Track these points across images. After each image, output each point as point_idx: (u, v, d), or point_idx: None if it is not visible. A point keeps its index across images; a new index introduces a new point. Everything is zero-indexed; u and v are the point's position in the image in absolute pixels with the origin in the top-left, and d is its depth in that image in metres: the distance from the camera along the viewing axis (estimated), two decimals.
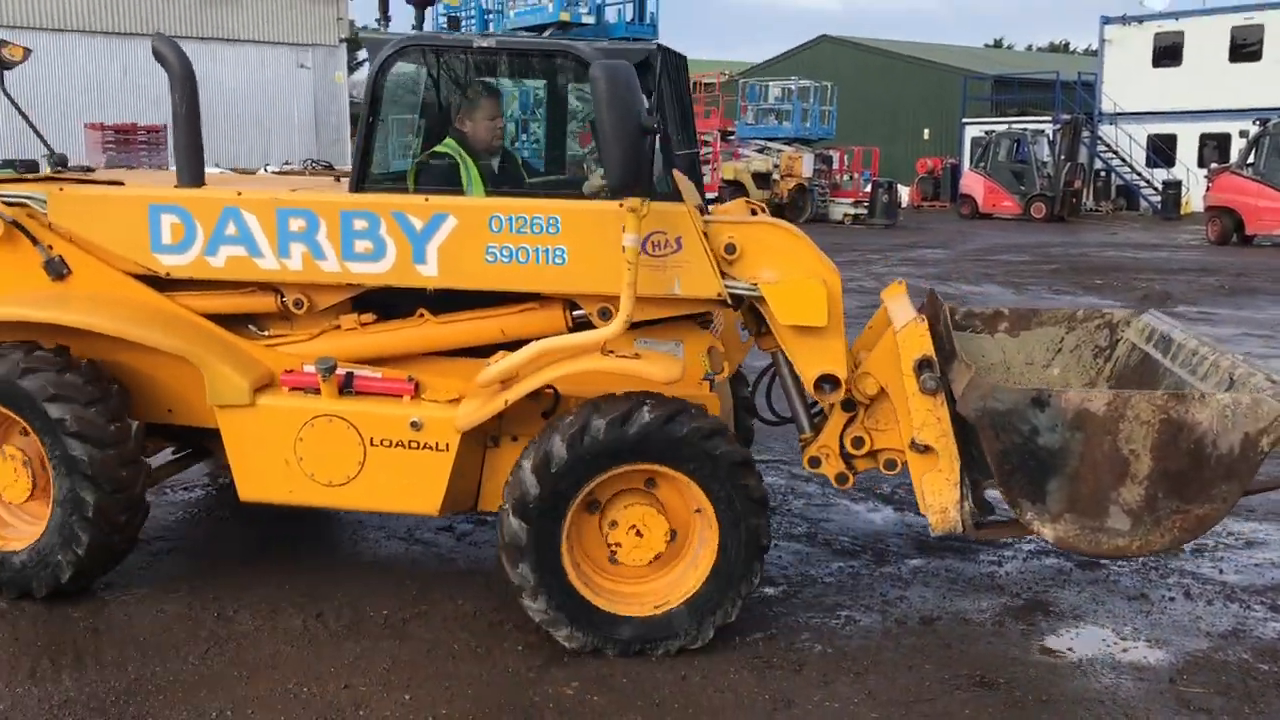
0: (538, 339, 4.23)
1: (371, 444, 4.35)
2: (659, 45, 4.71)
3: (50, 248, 4.65)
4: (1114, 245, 24.12)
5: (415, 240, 4.33)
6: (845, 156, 34.60)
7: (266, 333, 4.72)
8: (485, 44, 4.68)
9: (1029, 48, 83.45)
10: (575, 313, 4.45)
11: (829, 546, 5.43)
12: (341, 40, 36.10)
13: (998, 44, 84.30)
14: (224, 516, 5.69)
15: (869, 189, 32.26)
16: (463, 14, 30.92)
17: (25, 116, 5.56)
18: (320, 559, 5.15)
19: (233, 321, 4.69)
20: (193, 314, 4.64)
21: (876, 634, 4.45)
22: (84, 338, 4.53)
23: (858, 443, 4.44)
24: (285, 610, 4.52)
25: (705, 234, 4.23)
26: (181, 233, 4.53)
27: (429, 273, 4.36)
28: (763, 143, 33.82)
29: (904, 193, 36.70)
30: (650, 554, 4.24)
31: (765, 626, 4.48)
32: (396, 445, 4.35)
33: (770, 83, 36.85)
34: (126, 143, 23.48)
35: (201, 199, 4.55)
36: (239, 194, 4.50)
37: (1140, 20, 37.98)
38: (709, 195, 28.67)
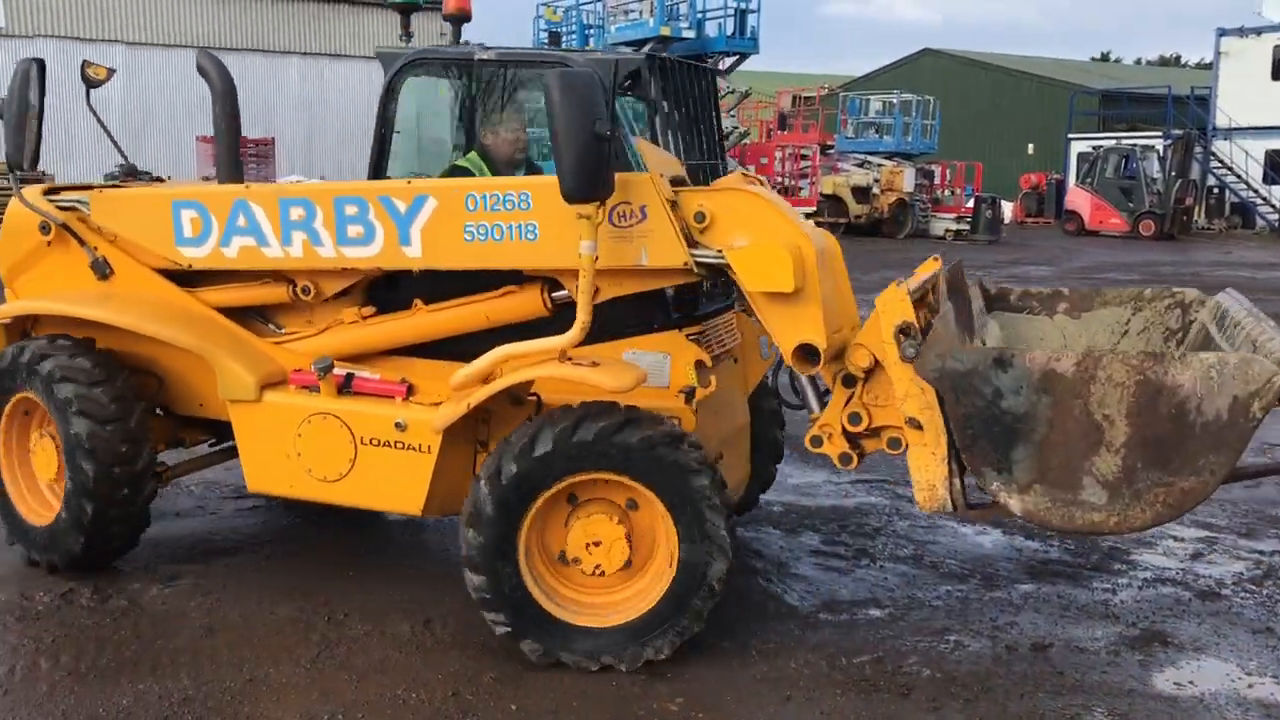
0: (520, 322, 4.34)
1: (362, 443, 4.50)
2: (650, 55, 4.80)
3: (95, 249, 5.07)
4: (1227, 265, 23.37)
5: (400, 222, 4.48)
6: (947, 171, 34.14)
7: (284, 330, 4.98)
8: (485, 56, 4.75)
9: (1138, 61, 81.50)
10: (555, 294, 4.47)
11: (936, 569, 5.33)
12: None
13: (1105, 57, 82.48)
14: (331, 524, 5.79)
15: (971, 204, 31.76)
16: (563, 29, 31.27)
17: (106, 129, 5.91)
18: (427, 568, 5.22)
19: (253, 315, 5.01)
20: (212, 311, 4.98)
21: (986, 660, 4.35)
22: (120, 333, 4.90)
23: (854, 419, 4.19)
24: (393, 616, 4.59)
25: (674, 203, 4.18)
26: (200, 226, 4.84)
27: (414, 254, 4.50)
28: (863, 157, 33.52)
29: (1007, 208, 36.01)
30: (609, 566, 4.19)
31: (871, 649, 4.40)
32: (384, 445, 4.46)
33: (871, 96, 36.52)
34: None
35: (215, 193, 4.89)
36: (247, 187, 4.82)
37: (1259, 32, 36.81)
38: (808, 210, 28.53)
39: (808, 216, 30.45)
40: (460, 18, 6.03)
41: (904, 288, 4.08)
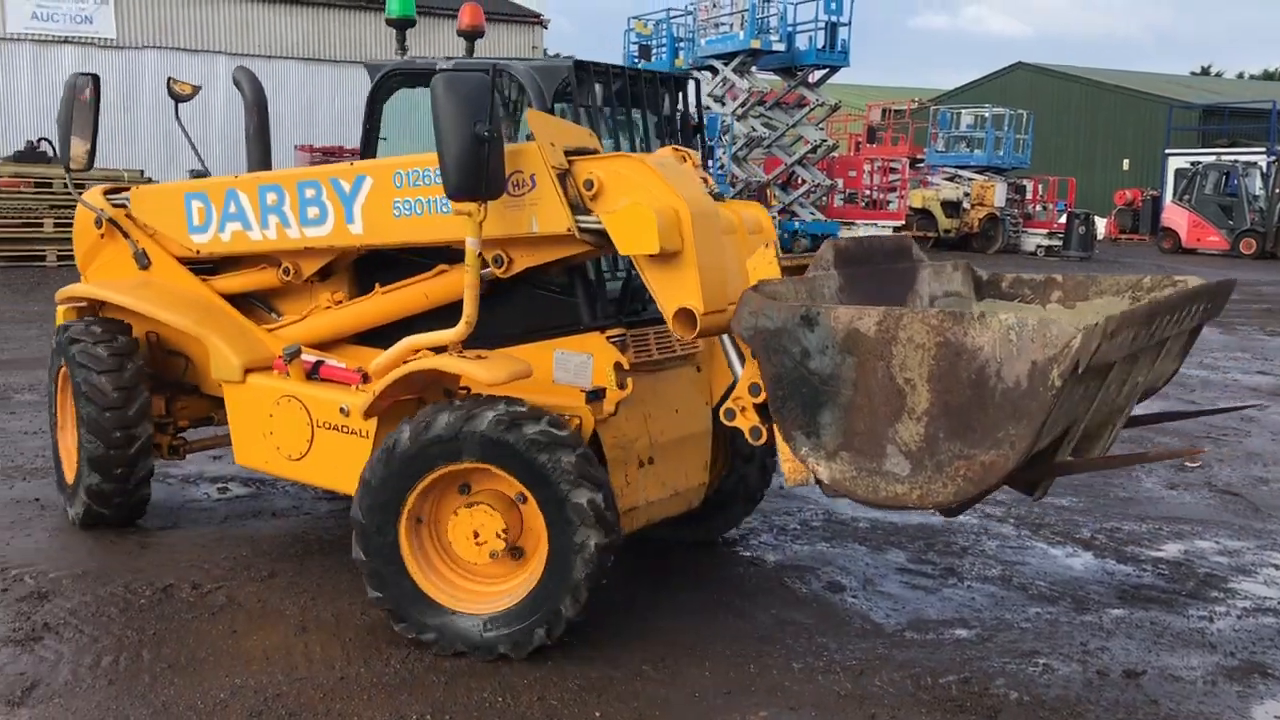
0: (456, 302, 4.44)
1: (317, 425, 4.85)
2: (577, 61, 5.04)
3: (137, 241, 5.63)
4: None
5: (346, 202, 4.79)
6: (1039, 186, 33.57)
7: (281, 316, 5.44)
8: (444, 66, 4.87)
9: (1240, 75, 79.24)
10: (482, 271, 4.50)
11: (1024, 591, 5.25)
12: None
13: (1205, 71, 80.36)
14: None
15: (1064, 220, 31.15)
16: (654, 43, 31.42)
17: (189, 138, 6.18)
18: None
19: (259, 303, 5.51)
20: (217, 297, 5.47)
21: (1076, 684, 4.27)
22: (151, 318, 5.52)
23: (754, 389, 3.83)
24: None
25: (567, 171, 4.23)
26: (204, 215, 5.36)
27: (357, 231, 4.80)
28: (953, 171, 33.10)
29: (1101, 225, 35.28)
30: (486, 553, 4.26)
31: (958, 669, 4.35)
32: (333, 428, 4.80)
33: (962, 110, 36.03)
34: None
35: (214, 184, 5.34)
36: (236, 176, 5.30)
37: None
38: (896, 223, 28.23)
39: (896, 230, 30.29)
40: (473, 34, 6.27)
41: (772, 249, 4.02)
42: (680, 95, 5.68)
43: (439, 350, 4.45)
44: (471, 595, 4.37)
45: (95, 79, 5.71)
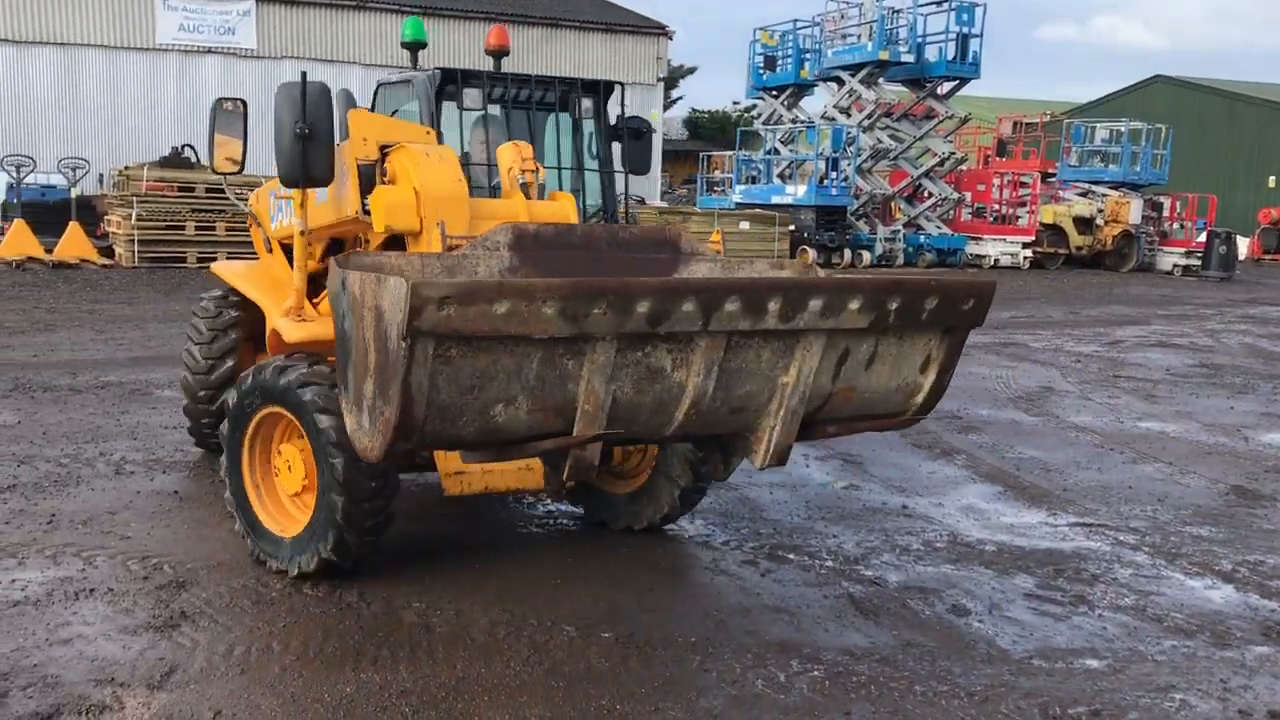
0: None
1: None
2: (444, 71, 6.23)
3: (266, 231, 6.56)
4: None
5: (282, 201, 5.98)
6: (1177, 204, 32.42)
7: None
8: (403, 79, 6.25)
9: None
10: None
11: (1160, 622, 5.05)
12: (659, 79, 37.32)
13: None
14: (537, 535, 5.95)
15: (1203, 239, 30.02)
16: (779, 54, 31.30)
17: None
18: (630, 581, 5.28)
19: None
20: (290, 280, 5.89)
21: None
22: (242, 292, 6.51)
23: None
24: (599, 627, 4.67)
25: (377, 166, 5.06)
26: (278, 207, 6.27)
27: (289, 222, 5.73)
28: (1086, 186, 32.19)
29: (1242, 244, 33.88)
30: (296, 486, 4.99)
31: (1089, 700, 4.20)
32: None
33: (1098, 123, 35.01)
34: None
35: (275, 182, 5.99)
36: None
37: None
38: (1026, 239, 27.72)
39: (1025, 246, 29.72)
40: (499, 52, 6.72)
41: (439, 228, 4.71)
42: (606, 100, 6.40)
43: None
44: (292, 522, 5.05)
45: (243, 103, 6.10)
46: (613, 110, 6.81)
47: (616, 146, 6.62)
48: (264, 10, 31.29)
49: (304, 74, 5.18)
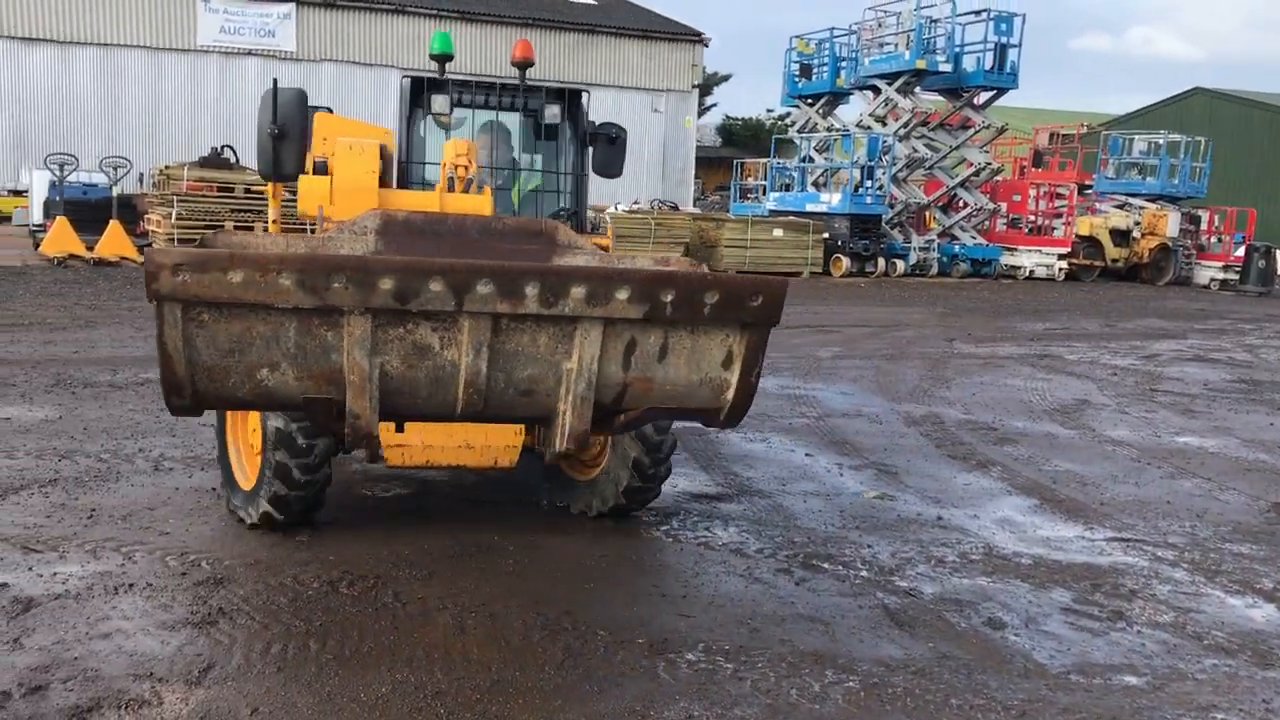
0: None
1: None
2: (413, 79, 6.69)
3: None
4: None
5: None
6: (1216, 217, 32.09)
7: None
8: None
9: None
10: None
11: (1199, 640, 4.99)
12: (694, 86, 37.35)
13: None
14: (573, 536, 5.95)
15: (1241, 253, 29.70)
16: (815, 62, 31.24)
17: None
18: (666, 586, 5.27)
19: None
20: None
21: None
22: None
23: None
24: (633, 632, 4.66)
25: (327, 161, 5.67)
26: None
27: None
28: (1123, 198, 31.93)
29: None
30: (258, 444, 5.42)
31: (1128, 718, 4.16)
32: None
33: (1135, 135, 34.72)
34: None
35: None
36: None
37: None
38: (1061, 250, 27.59)
39: (1061, 258, 29.51)
40: (524, 64, 7.00)
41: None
42: (573, 105, 6.60)
43: None
44: (253, 477, 5.55)
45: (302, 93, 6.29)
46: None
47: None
48: (303, 13, 31.56)
49: (275, 81, 5.76)
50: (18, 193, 24.32)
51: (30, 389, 8.96)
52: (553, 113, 6.52)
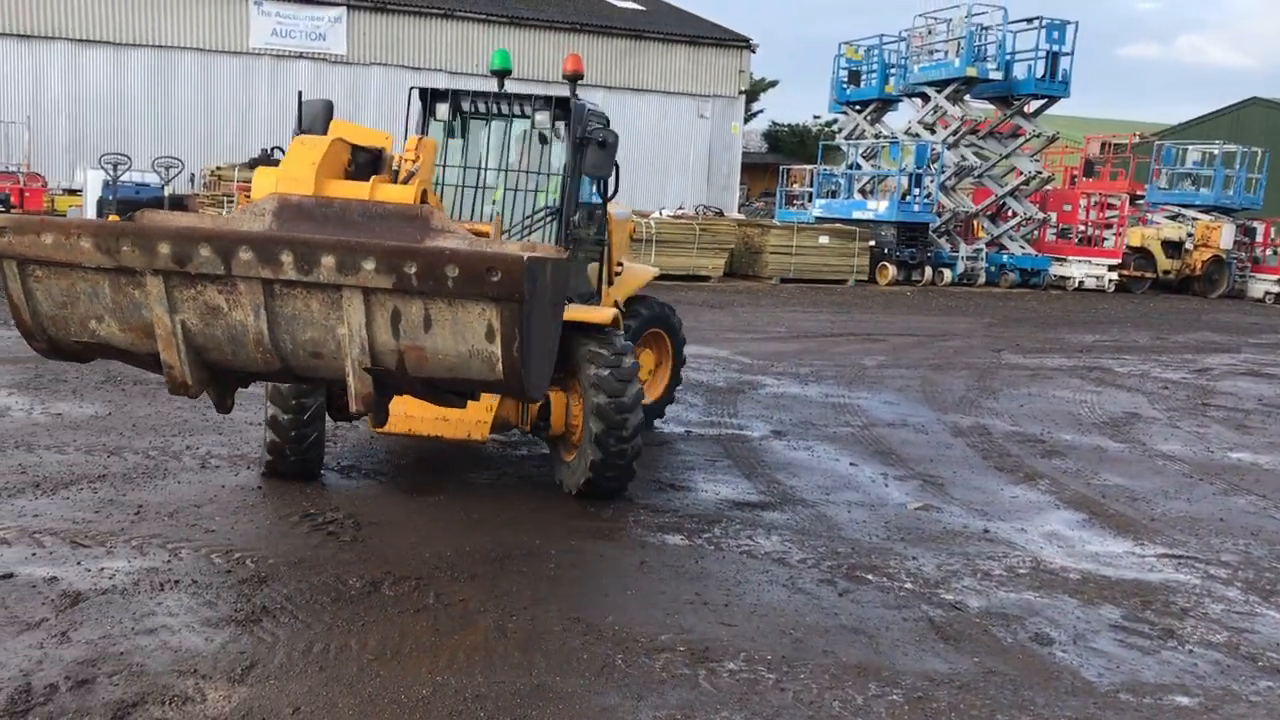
0: None
1: None
2: (418, 89, 7.10)
3: None
4: None
5: None
6: (1272, 229, 31.51)
7: None
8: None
9: None
10: None
11: (1253, 661, 4.87)
12: (740, 92, 37.24)
13: None
14: (601, 555, 5.93)
15: None
16: (864, 68, 31.08)
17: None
18: (708, 595, 5.23)
19: None
20: None
21: None
22: None
23: None
24: (672, 641, 4.63)
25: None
26: None
27: None
28: (1176, 209, 31.46)
29: None
30: None
31: None
32: None
33: (1189, 145, 34.20)
34: None
35: None
36: None
37: None
38: (1112, 261, 27.22)
39: (1111, 269, 29.08)
40: (574, 77, 7.36)
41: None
42: (566, 112, 6.83)
43: None
44: None
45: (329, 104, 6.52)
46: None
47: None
48: (354, 17, 31.82)
49: (300, 93, 6.55)
50: (73, 192, 24.70)
51: (81, 385, 9.08)
52: (544, 119, 6.90)
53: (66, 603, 4.64)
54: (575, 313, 6.25)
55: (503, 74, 7.33)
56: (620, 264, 8.30)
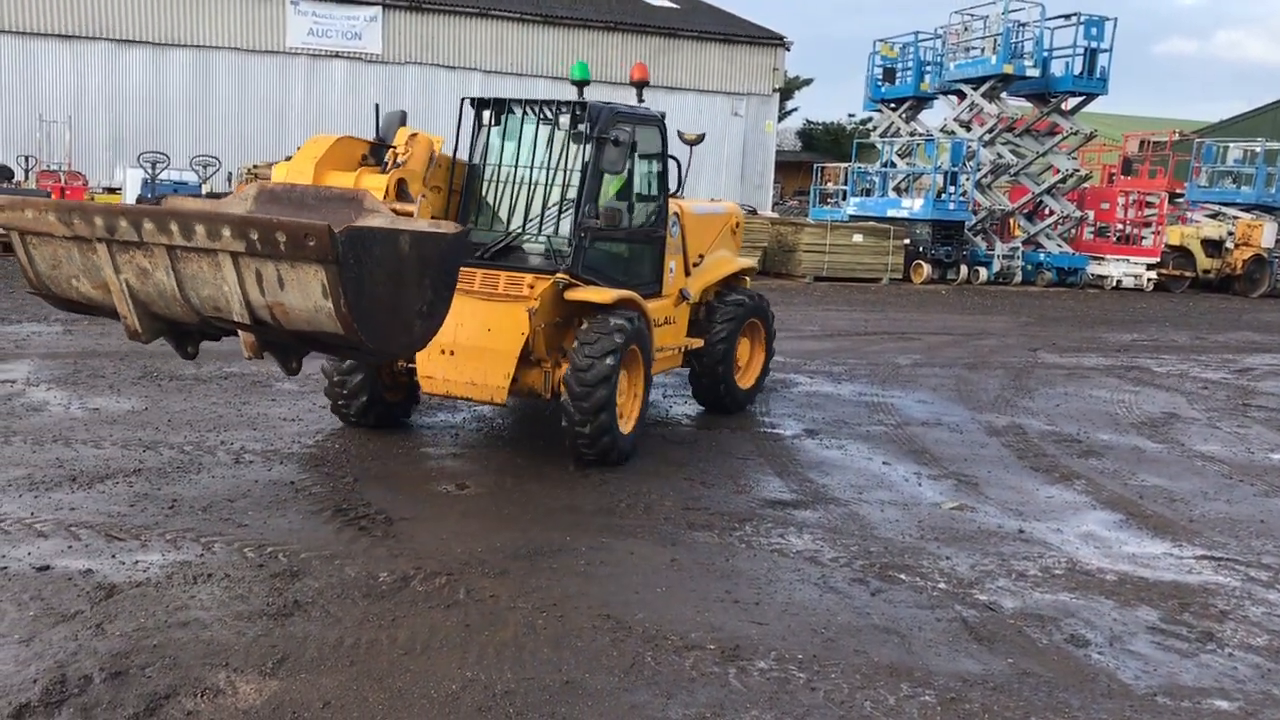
0: None
1: None
2: (466, 98, 7.67)
3: None
4: None
5: None
6: None
7: None
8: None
9: None
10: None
11: None
12: (775, 90, 37.11)
13: None
14: (632, 552, 5.91)
15: None
16: (899, 66, 30.87)
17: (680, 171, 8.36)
18: (739, 593, 5.20)
19: None
20: None
21: None
22: None
23: None
24: (702, 639, 4.61)
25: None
26: None
27: None
28: (1216, 207, 31.04)
29: None
30: None
31: None
32: None
33: (1230, 143, 33.73)
34: None
35: None
36: None
37: None
38: (1151, 260, 26.73)
39: (1150, 268, 28.60)
40: (641, 84, 8.15)
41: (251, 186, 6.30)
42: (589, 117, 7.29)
43: None
44: None
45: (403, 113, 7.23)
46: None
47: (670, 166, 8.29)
48: (390, 16, 31.97)
49: (377, 106, 7.37)
50: (112, 190, 24.97)
51: (118, 380, 9.17)
52: (566, 122, 7.46)
53: (101, 595, 4.69)
54: (577, 293, 7.01)
55: (582, 84, 7.96)
56: (701, 256, 8.81)
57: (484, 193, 7.54)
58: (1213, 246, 28.85)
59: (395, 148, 6.68)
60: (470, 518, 6.08)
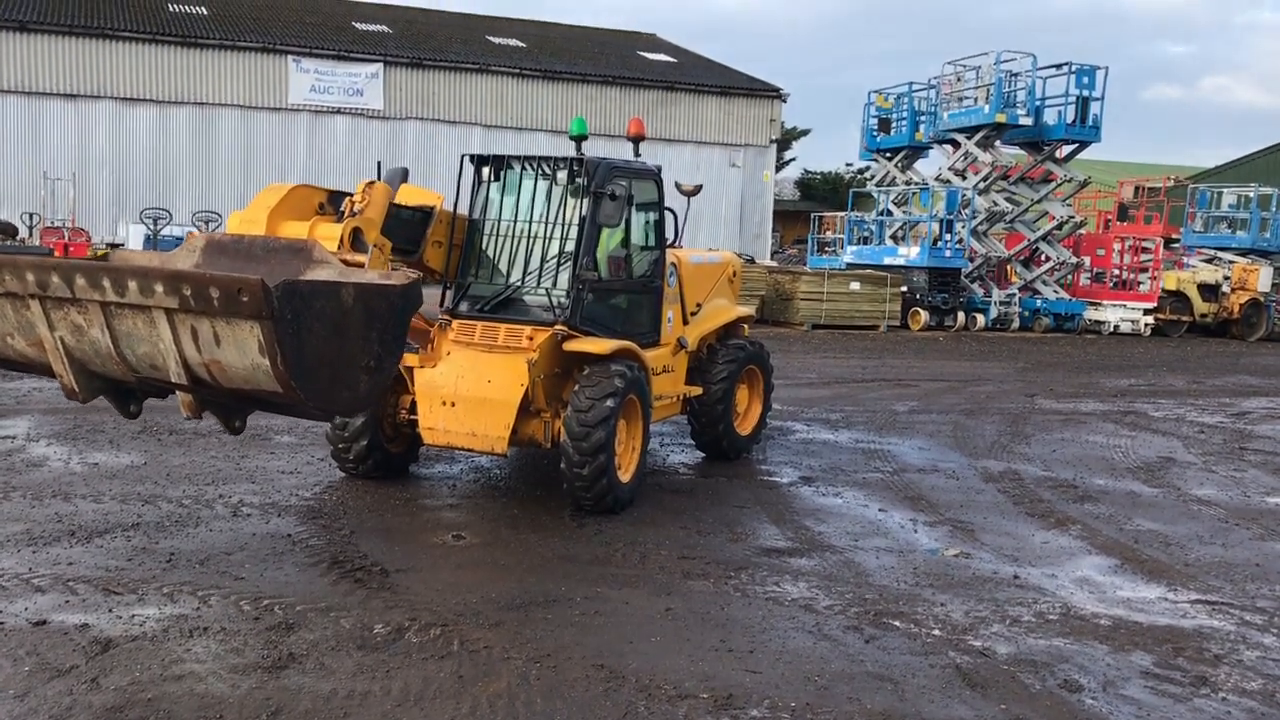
0: None
1: None
2: (465, 155, 7.97)
3: None
4: None
5: None
6: None
7: None
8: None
9: None
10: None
11: None
12: (772, 141, 37.47)
13: None
14: (627, 601, 5.93)
15: None
16: (894, 116, 31.20)
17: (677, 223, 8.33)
18: (732, 642, 5.22)
19: None
20: None
21: None
22: None
23: None
24: (695, 688, 4.62)
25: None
26: None
27: None
28: (1212, 252, 31.23)
29: None
30: None
31: None
32: None
33: (1224, 188, 33.99)
34: None
35: None
36: None
37: None
38: (1147, 305, 26.79)
39: (1146, 313, 28.67)
40: (638, 139, 8.32)
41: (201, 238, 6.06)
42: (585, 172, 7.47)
43: None
44: None
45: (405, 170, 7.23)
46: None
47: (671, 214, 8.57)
48: (390, 73, 32.40)
49: (379, 163, 7.41)
50: (115, 246, 25.23)
51: (118, 435, 9.23)
52: (564, 177, 7.58)
53: (97, 649, 4.71)
54: (576, 344, 7.16)
55: (580, 139, 8.09)
56: (698, 304, 8.96)
57: (484, 246, 7.71)
58: (1209, 291, 28.99)
59: (352, 196, 6.61)
60: (466, 568, 6.10)
